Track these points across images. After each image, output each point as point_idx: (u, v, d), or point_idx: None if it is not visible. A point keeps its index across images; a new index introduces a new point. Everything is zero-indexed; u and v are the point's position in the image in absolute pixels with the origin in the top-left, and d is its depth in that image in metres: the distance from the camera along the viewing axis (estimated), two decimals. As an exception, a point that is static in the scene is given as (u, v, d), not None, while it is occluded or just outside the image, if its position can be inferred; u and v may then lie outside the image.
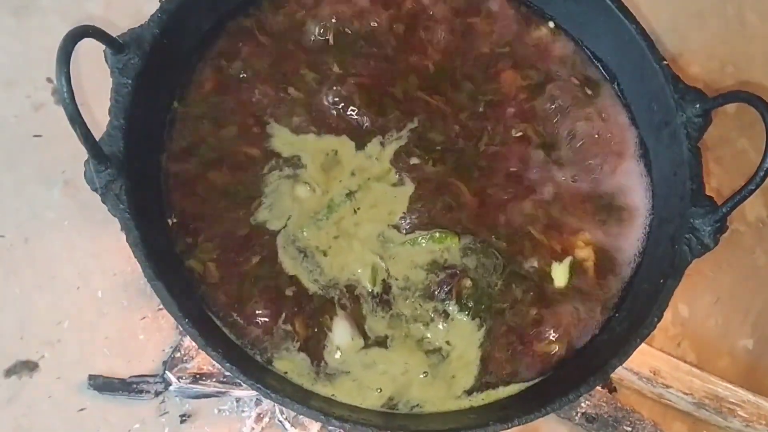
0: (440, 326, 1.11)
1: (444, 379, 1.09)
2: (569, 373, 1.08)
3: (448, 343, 1.10)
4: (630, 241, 1.18)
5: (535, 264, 1.15)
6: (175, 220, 1.09)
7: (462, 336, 1.11)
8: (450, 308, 1.11)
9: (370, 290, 1.10)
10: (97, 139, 0.95)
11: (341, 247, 1.12)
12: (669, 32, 1.61)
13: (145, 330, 1.33)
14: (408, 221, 1.13)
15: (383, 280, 1.12)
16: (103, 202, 0.96)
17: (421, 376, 1.08)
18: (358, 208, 1.14)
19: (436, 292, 1.11)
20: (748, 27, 1.66)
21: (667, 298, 1.03)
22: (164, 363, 1.29)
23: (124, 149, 0.97)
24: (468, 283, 1.12)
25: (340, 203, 1.14)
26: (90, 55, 1.03)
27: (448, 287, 1.11)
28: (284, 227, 1.12)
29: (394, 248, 1.13)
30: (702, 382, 1.40)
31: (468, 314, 1.11)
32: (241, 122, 1.16)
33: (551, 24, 1.30)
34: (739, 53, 1.64)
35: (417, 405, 1.07)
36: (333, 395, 1.05)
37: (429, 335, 1.10)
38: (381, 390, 1.07)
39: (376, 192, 1.15)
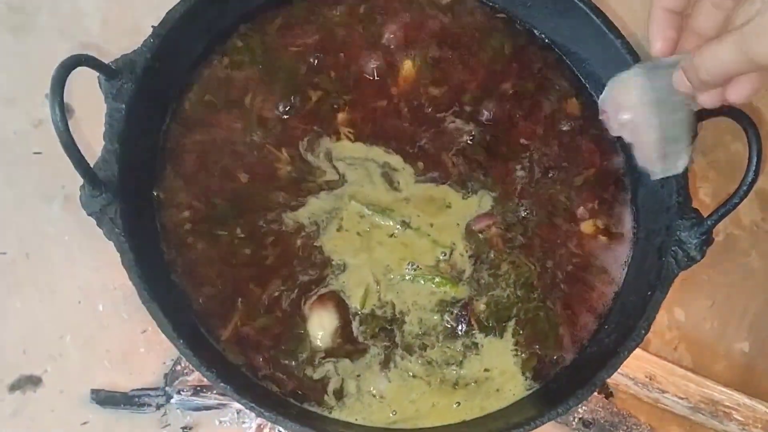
0: (474, 359, 1.10)
1: (486, 395, 1.09)
2: (558, 385, 1.10)
3: (486, 370, 1.11)
4: (617, 253, 1.19)
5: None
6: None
7: (497, 355, 1.11)
8: (477, 338, 1.12)
9: (358, 311, 1.10)
10: (92, 164, 0.96)
11: (353, 244, 1.13)
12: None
13: (145, 343, 1.34)
14: (414, 266, 1.13)
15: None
16: (99, 226, 0.97)
17: (454, 406, 1.08)
18: (394, 235, 1.14)
19: (458, 328, 1.11)
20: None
21: (654, 310, 1.04)
22: (165, 376, 1.31)
23: (118, 173, 0.99)
24: (482, 306, 1.12)
25: (390, 220, 1.14)
26: (84, 78, 1.03)
27: (466, 319, 1.11)
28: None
29: (394, 280, 1.12)
30: (697, 386, 1.40)
31: (495, 334, 1.12)
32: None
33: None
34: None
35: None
36: (331, 412, 1.05)
37: (464, 372, 1.10)
38: (396, 413, 1.07)
39: (420, 241, 1.14)
